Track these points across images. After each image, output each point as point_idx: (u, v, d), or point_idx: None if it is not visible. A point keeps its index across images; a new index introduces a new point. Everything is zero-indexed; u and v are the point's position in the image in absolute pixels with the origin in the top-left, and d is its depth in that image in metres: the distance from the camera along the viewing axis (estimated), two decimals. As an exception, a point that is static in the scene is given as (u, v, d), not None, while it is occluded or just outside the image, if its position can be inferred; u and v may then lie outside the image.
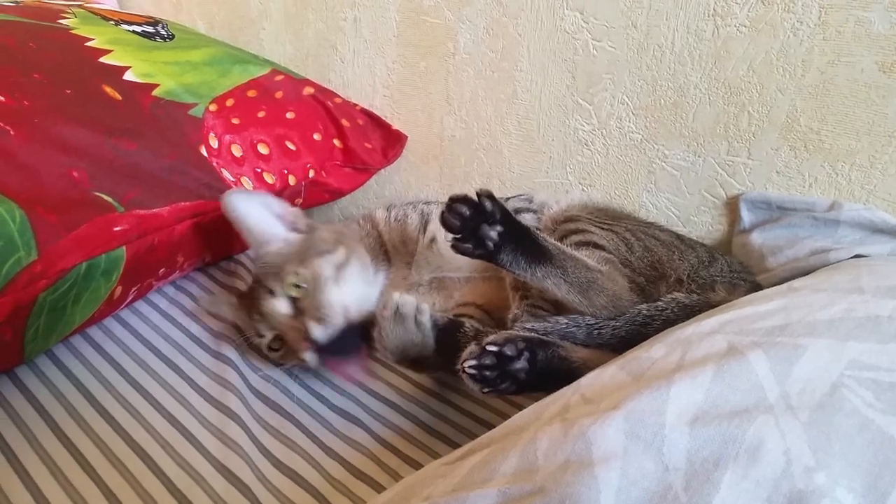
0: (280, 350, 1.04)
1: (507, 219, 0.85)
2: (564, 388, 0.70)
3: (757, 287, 0.97)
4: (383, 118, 1.54)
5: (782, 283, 1.02)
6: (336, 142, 1.44)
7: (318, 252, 1.05)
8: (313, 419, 0.95)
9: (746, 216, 1.15)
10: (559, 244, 0.88)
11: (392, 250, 1.16)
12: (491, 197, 0.84)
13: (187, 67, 1.26)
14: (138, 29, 1.32)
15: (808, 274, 1.00)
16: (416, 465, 0.87)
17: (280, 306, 1.01)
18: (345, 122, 1.44)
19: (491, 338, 0.82)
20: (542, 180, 1.37)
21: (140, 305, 1.19)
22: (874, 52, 0.98)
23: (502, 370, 0.80)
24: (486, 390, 0.80)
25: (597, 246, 0.95)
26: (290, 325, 1.00)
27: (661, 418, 0.59)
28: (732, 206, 1.18)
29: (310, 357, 0.98)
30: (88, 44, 1.19)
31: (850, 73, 1.01)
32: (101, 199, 1.00)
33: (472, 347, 0.81)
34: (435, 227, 1.15)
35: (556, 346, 0.83)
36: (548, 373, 0.81)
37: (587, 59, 1.23)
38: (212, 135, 1.21)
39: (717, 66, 1.11)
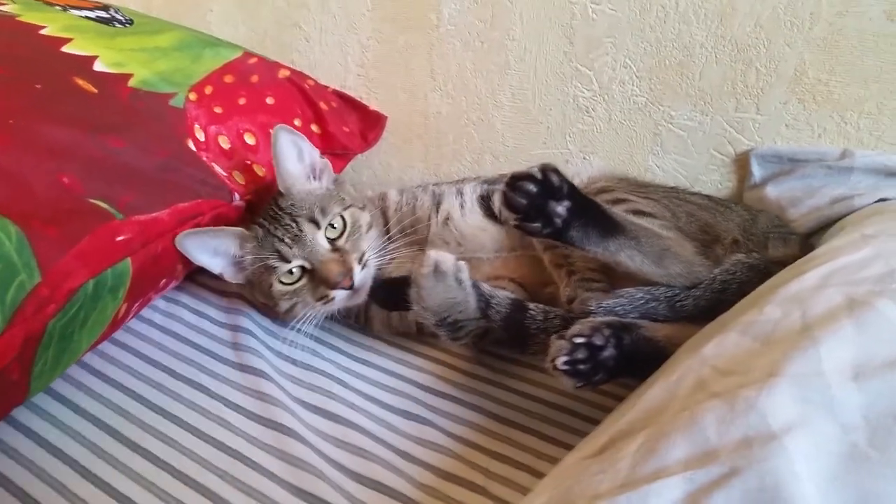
0: (295, 283, 1.01)
1: (574, 193, 0.81)
2: (686, 363, 0.67)
3: (803, 238, 0.98)
4: (358, 99, 1.45)
5: (809, 232, 1.06)
6: (314, 127, 1.35)
7: (356, 205, 1.08)
8: (378, 425, 0.88)
9: (757, 171, 1.17)
10: (625, 215, 0.85)
11: (399, 234, 1.11)
12: (556, 171, 0.80)
13: (157, 54, 1.12)
14: (91, 14, 1.16)
15: (834, 222, 1.03)
16: (505, 460, 0.82)
17: (322, 239, 1.02)
18: (323, 106, 1.35)
19: (576, 329, 0.78)
20: (540, 152, 1.33)
21: (134, 324, 1.07)
22: (881, 0, 1.01)
23: (594, 362, 0.76)
24: (580, 385, 0.77)
25: (646, 214, 0.93)
26: (333, 258, 1.00)
27: (824, 379, 0.57)
28: (741, 162, 1.19)
29: (340, 296, 1.00)
30: (43, 32, 1.04)
31: (858, 23, 1.03)
32: (97, 206, 0.88)
33: (559, 342, 0.77)
34: (448, 205, 1.11)
35: (638, 328, 0.80)
36: (635, 356, 0.78)
37: (586, 24, 1.20)
38: (197, 126, 1.09)
39: (723, 24, 1.11)
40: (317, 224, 1.02)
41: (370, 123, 1.44)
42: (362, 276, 1.01)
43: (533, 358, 0.87)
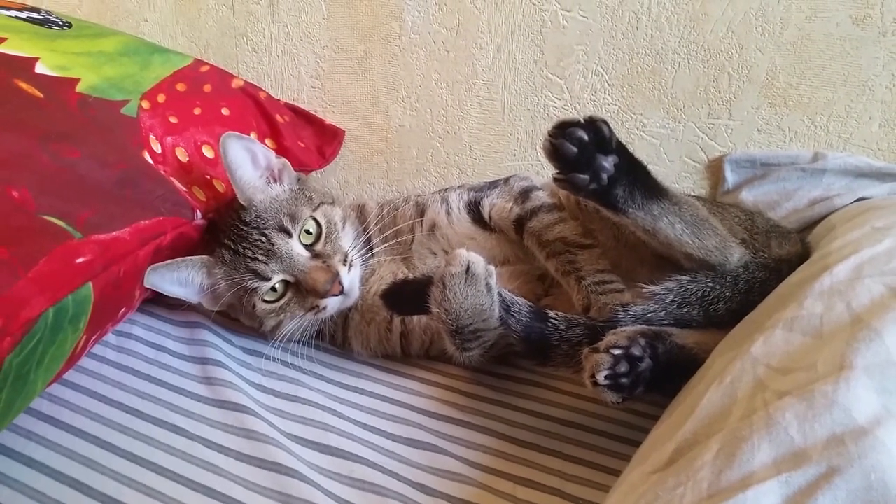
0: (280, 300, 0.95)
1: (621, 148, 0.76)
2: (736, 364, 0.63)
3: (800, 235, 0.98)
4: (313, 113, 1.37)
5: (793, 233, 1.06)
6: (269, 142, 1.26)
7: (325, 201, 1.03)
8: (385, 456, 0.79)
9: (730, 176, 1.17)
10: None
11: (379, 243, 1.05)
12: (605, 122, 0.75)
13: (103, 59, 1.01)
14: (22, 15, 1.04)
15: (816, 223, 1.04)
16: (531, 485, 0.75)
17: (298, 247, 0.95)
18: (278, 119, 1.26)
19: (611, 340, 0.73)
20: (510, 164, 1.30)
21: (85, 363, 0.93)
22: (848, 5, 1.04)
23: (635, 374, 0.71)
24: (622, 400, 0.72)
25: None
26: (315, 266, 0.94)
27: (898, 369, 0.55)
28: (714, 168, 1.20)
29: (333, 303, 0.95)
30: (-31, 31, 0.91)
31: (826, 28, 1.06)
32: (52, 223, 0.76)
33: (597, 356, 0.71)
34: (433, 213, 1.05)
35: (669, 335, 0.76)
36: (668, 366, 0.74)
37: (556, 31, 1.18)
38: (152, 137, 0.98)
39: (695, 30, 1.11)
40: (288, 233, 0.95)
41: (327, 138, 1.37)
42: (350, 279, 0.96)
43: (554, 370, 0.81)
